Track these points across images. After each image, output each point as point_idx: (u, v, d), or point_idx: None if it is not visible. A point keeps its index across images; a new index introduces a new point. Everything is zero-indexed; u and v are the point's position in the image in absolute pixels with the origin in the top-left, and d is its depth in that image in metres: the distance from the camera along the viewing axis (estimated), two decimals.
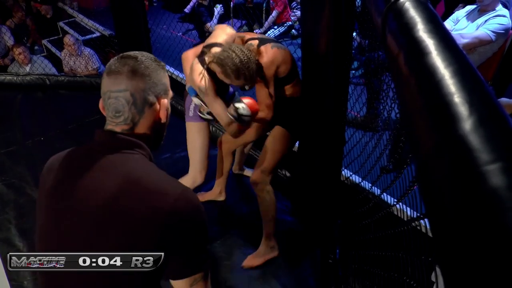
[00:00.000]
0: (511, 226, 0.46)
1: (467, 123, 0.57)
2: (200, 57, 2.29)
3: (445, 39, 0.77)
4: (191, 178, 2.69)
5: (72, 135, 4.00)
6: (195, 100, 2.44)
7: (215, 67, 2.15)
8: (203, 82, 2.23)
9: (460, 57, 0.71)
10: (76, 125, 4.15)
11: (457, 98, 0.61)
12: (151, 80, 1.14)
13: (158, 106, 1.16)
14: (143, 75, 1.12)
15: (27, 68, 5.51)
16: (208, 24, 5.84)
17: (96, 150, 1.13)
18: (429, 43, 0.77)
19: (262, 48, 2.23)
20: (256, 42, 2.25)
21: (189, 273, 1.10)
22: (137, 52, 1.18)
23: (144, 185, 1.06)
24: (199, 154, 2.65)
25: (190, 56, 2.42)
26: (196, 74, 2.25)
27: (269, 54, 2.22)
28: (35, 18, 7.15)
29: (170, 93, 1.23)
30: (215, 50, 2.16)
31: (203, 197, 3.03)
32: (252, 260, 2.67)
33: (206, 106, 2.39)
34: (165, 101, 1.18)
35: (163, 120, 1.19)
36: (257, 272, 2.66)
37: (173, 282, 1.14)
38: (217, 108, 2.29)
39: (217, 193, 3.08)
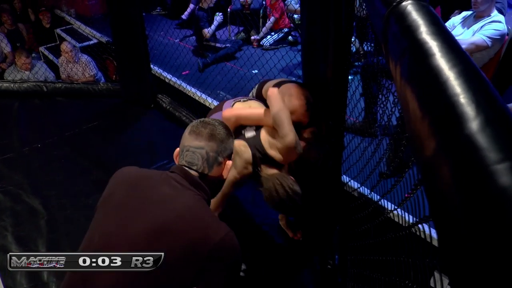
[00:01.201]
0: None
1: (474, 123, 0.56)
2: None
3: (448, 41, 0.77)
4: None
5: (70, 142, 3.98)
6: None
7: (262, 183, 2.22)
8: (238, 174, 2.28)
9: (464, 58, 0.71)
10: (73, 132, 4.13)
11: (463, 98, 0.61)
12: (223, 145, 1.41)
13: (223, 166, 1.43)
14: (219, 140, 1.40)
15: (29, 74, 5.51)
16: (206, 30, 5.84)
17: (171, 178, 1.36)
18: (433, 44, 0.77)
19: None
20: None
21: None
22: (214, 119, 1.47)
23: (200, 218, 1.27)
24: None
25: (231, 119, 2.33)
26: (242, 168, 2.28)
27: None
28: (33, 26, 7.14)
29: (233, 157, 1.48)
30: (271, 172, 2.24)
31: None
32: None
33: None
34: (230, 163, 1.45)
35: (224, 177, 1.45)
36: (256, 277, 2.65)
37: None
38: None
39: None
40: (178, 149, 1.44)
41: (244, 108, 2.40)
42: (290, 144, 2.13)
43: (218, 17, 5.94)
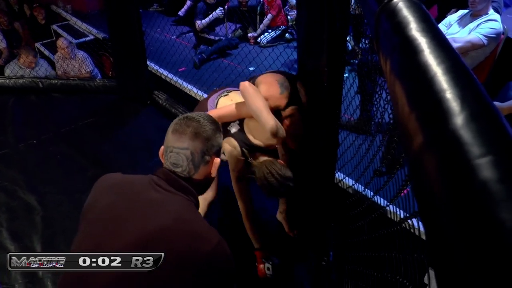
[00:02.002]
0: (502, 218, 0.46)
1: (458, 118, 0.57)
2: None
3: (437, 38, 0.78)
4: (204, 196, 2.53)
5: (65, 138, 3.98)
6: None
7: (253, 170, 2.31)
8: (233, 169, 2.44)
9: (453, 55, 0.71)
10: (69, 129, 4.13)
11: (449, 94, 0.62)
12: (210, 142, 1.32)
13: (211, 164, 1.35)
14: (204, 138, 1.30)
15: (30, 72, 5.50)
16: (198, 22, 5.86)
17: (156, 183, 1.30)
18: (422, 41, 0.77)
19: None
20: None
21: None
22: (199, 114, 1.37)
23: (191, 226, 1.21)
24: None
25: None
26: (234, 164, 2.42)
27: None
28: (28, 22, 7.12)
29: (222, 149, 1.40)
30: (262, 159, 2.36)
31: None
32: None
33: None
34: (218, 160, 1.36)
35: (213, 175, 1.37)
36: (251, 274, 2.65)
37: None
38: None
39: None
40: (162, 147, 1.37)
41: (225, 107, 2.46)
42: (272, 130, 2.19)
43: (217, 11, 5.94)
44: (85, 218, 1.31)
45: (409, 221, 1.39)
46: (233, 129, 2.43)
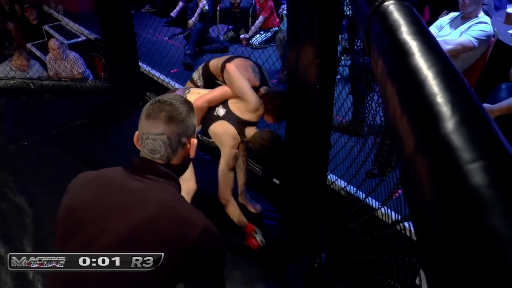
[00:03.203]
0: (492, 223, 0.46)
1: (449, 123, 0.57)
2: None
3: (428, 41, 0.78)
4: (186, 189, 2.56)
5: (57, 139, 3.95)
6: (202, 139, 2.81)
7: (248, 144, 2.58)
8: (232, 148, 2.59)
9: (443, 59, 0.72)
10: (61, 130, 4.10)
11: (440, 98, 0.62)
12: (185, 124, 1.30)
13: (189, 145, 1.33)
14: (178, 121, 1.28)
15: (22, 74, 5.45)
16: (190, 21, 5.89)
17: (135, 173, 1.28)
18: (413, 44, 0.77)
19: None
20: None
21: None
22: (170, 96, 1.34)
23: (177, 212, 1.21)
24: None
25: (204, 107, 2.63)
26: (232, 141, 2.58)
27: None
28: (20, 22, 7.07)
29: (198, 127, 1.40)
30: (252, 132, 2.61)
31: None
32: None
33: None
34: (195, 141, 1.34)
35: (192, 155, 1.36)
36: (243, 276, 2.65)
37: None
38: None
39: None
40: (137, 133, 1.33)
41: (211, 91, 2.69)
42: (256, 106, 2.56)
43: (202, 3, 5.97)
44: (65, 220, 1.26)
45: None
46: (221, 112, 2.61)
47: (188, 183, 2.65)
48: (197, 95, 2.66)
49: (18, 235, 2.86)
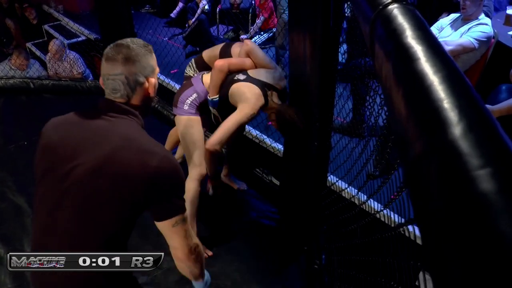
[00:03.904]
0: (502, 230, 0.46)
1: (456, 129, 0.57)
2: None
3: (433, 46, 0.78)
4: (196, 173, 2.70)
5: None
6: (214, 111, 2.72)
7: (274, 111, 2.56)
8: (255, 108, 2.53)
9: (449, 63, 0.72)
10: None
11: (447, 104, 0.62)
12: (141, 64, 1.41)
13: (147, 84, 1.44)
14: (135, 61, 1.40)
15: (21, 73, 5.44)
16: (191, 21, 5.89)
17: (100, 112, 1.40)
18: (418, 49, 0.77)
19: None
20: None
21: (169, 216, 1.36)
22: (129, 39, 1.44)
23: (137, 144, 1.34)
24: (202, 145, 2.68)
25: (226, 68, 2.63)
26: (256, 104, 2.53)
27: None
28: (19, 21, 7.06)
29: (157, 69, 1.50)
30: (276, 99, 2.60)
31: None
32: None
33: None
34: (153, 80, 1.46)
35: (151, 94, 1.48)
36: (242, 277, 2.65)
37: (158, 225, 1.39)
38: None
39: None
40: (101, 77, 1.44)
41: (232, 59, 2.72)
42: (280, 73, 2.68)
43: (202, 3, 5.98)
44: (42, 159, 1.41)
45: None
46: (241, 77, 2.60)
47: (198, 169, 2.70)
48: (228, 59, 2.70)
49: (17, 235, 2.86)
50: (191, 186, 2.70)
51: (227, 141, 2.68)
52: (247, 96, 2.50)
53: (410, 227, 1.32)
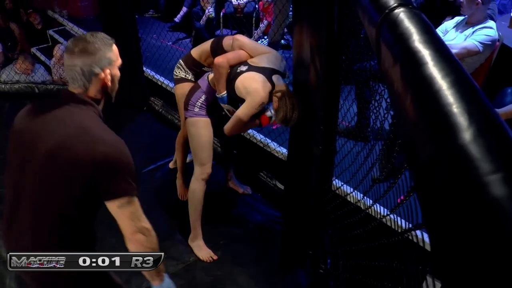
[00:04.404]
0: None
1: (467, 133, 0.57)
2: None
3: (440, 50, 0.77)
4: (202, 172, 2.77)
5: None
6: (226, 107, 2.73)
7: (276, 100, 2.51)
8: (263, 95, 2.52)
9: (457, 67, 0.71)
10: None
11: (456, 108, 0.61)
12: (96, 57, 1.52)
13: (103, 75, 1.54)
14: (90, 54, 1.51)
15: (26, 78, 5.46)
16: (210, 12, 5.96)
17: (61, 102, 1.55)
18: (425, 53, 0.77)
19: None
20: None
21: (114, 197, 1.47)
22: (90, 33, 1.57)
23: (88, 131, 1.46)
24: (209, 146, 2.76)
25: (226, 64, 2.64)
26: (263, 91, 2.51)
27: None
28: (24, 26, 7.09)
29: (118, 61, 1.62)
30: (282, 88, 2.54)
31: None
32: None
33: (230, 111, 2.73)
34: (107, 71, 1.55)
35: (109, 84, 1.58)
36: (248, 282, 2.64)
37: (106, 204, 1.49)
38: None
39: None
40: None
41: (229, 53, 2.72)
42: (277, 53, 2.70)
43: (208, 10, 6.01)
44: (12, 144, 1.59)
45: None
46: (243, 68, 2.60)
47: (204, 168, 2.76)
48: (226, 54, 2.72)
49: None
50: (196, 186, 2.78)
51: (240, 131, 2.78)
52: (254, 87, 2.52)
53: (416, 232, 1.31)
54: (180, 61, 3.12)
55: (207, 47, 2.94)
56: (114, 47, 1.61)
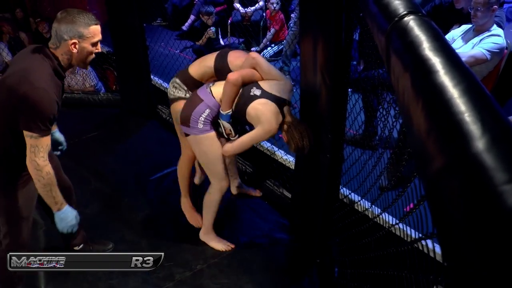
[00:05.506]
0: None
1: (480, 142, 0.56)
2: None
3: (451, 57, 0.77)
4: (222, 186, 2.76)
5: (69, 151, 3.95)
6: (227, 125, 2.62)
7: (284, 133, 2.54)
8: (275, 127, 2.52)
9: (468, 75, 0.71)
10: (72, 142, 4.11)
11: (468, 117, 0.60)
12: (69, 26, 1.94)
13: (70, 42, 1.96)
14: (63, 23, 1.94)
15: None
16: (201, 41, 5.96)
17: (36, 50, 1.99)
18: (436, 61, 0.76)
19: None
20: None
21: (25, 129, 1.90)
22: (79, 10, 2.01)
23: (28, 74, 1.87)
24: (222, 159, 2.69)
25: (240, 83, 2.58)
26: (275, 123, 2.51)
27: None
28: (33, 35, 7.15)
29: (93, 39, 1.99)
30: (289, 119, 2.54)
31: None
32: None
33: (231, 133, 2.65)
34: (75, 41, 1.96)
35: (73, 51, 1.99)
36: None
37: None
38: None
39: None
40: None
41: (241, 70, 2.63)
42: (289, 83, 2.67)
43: (210, 30, 6.00)
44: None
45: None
46: (257, 92, 2.55)
47: (223, 182, 2.75)
48: (220, 86, 2.61)
49: (30, 247, 2.85)
50: (216, 197, 2.79)
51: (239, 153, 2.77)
52: (267, 117, 2.48)
53: (425, 241, 1.29)
54: (177, 79, 2.86)
55: (210, 65, 2.78)
56: (93, 27, 1.98)
